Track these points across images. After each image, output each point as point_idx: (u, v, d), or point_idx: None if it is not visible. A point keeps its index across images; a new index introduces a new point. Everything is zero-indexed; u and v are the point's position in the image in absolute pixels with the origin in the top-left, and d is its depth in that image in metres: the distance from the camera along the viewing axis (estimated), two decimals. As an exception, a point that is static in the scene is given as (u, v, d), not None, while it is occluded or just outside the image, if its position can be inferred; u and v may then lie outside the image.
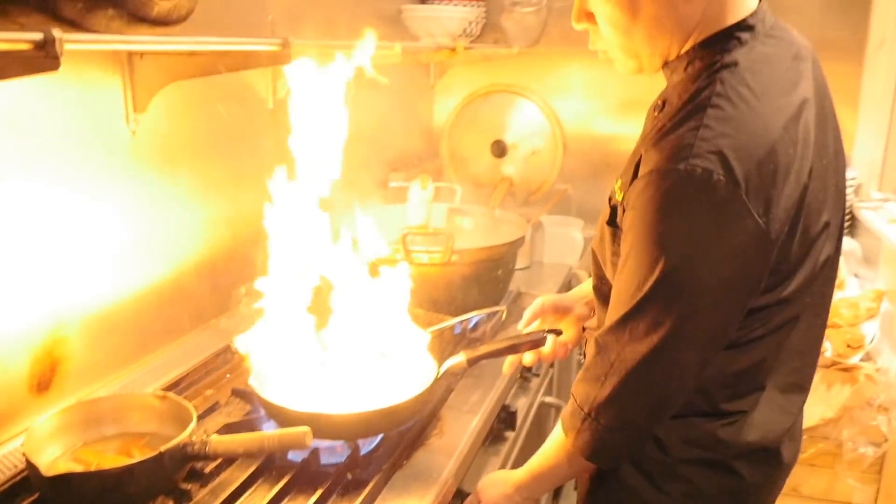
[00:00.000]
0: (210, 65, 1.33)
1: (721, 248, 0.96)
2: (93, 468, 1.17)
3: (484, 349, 1.41)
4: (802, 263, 1.06)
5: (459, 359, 1.39)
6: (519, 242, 1.98)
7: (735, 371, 1.10)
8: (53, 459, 1.20)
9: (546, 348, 1.39)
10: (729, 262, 0.97)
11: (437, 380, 1.39)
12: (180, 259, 1.68)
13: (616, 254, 1.10)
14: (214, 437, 1.14)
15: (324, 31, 2.20)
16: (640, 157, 1.03)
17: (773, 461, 1.18)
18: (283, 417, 1.28)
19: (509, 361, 1.46)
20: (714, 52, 1.04)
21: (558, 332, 1.41)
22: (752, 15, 1.05)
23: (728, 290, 1.00)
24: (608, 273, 1.17)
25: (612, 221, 1.11)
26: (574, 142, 3.04)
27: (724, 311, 1.02)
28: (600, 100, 2.99)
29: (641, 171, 1.00)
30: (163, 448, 1.11)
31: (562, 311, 1.46)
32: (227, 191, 1.81)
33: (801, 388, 1.19)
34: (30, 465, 1.10)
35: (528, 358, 1.42)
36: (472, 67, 3.09)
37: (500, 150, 3.04)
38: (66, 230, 1.37)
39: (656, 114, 1.11)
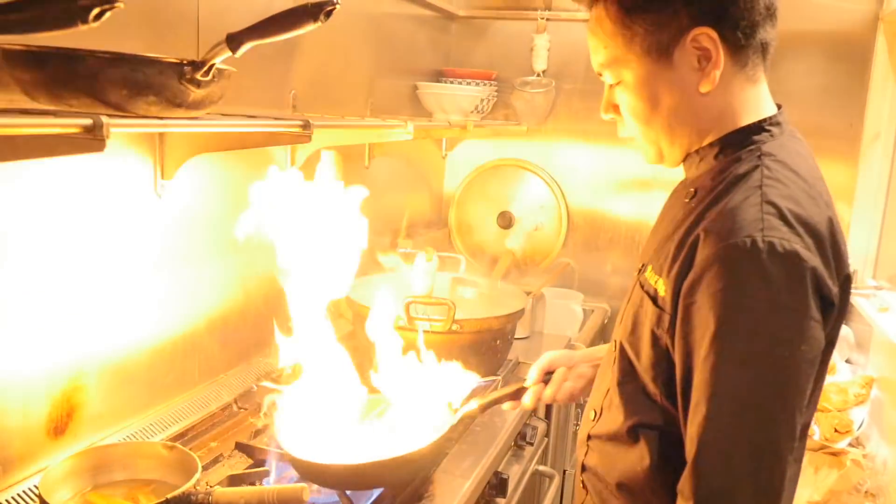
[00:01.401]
0: (235, 141, 1.44)
1: (807, 315, 0.97)
2: None
3: (494, 395, 1.48)
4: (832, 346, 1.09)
5: (472, 406, 1.46)
6: (518, 314, 2.07)
7: None
8: (65, 501, 1.28)
9: (550, 387, 1.44)
10: (814, 329, 0.98)
11: (452, 426, 1.46)
12: (194, 315, 1.77)
13: (658, 334, 1.10)
14: (217, 489, 1.22)
15: (342, 106, 2.34)
16: (691, 241, 1.03)
17: None
18: (296, 466, 1.36)
19: (510, 404, 1.50)
20: (747, 143, 1.10)
21: None
22: (777, 114, 1.14)
23: (812, 358, 1.00)
24: (642, 364, 1.15)
25: (656, 304, 1.10)
26: (577, 217, 3.15)
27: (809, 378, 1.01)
28: (604, 178, 3.11)
29: (701, 256, 1.00)
30: (169, 496, 1.19)
31: (567, 367, 1.48)
32: (241, 253, 1.91)
33: (800, 462, 1.19)
34: None
35: (527, 397, 1.45)
36: (482, 141, 3.22)
37: (506, 221, 3.15)
38: (91, 283, 1.47)
39: (687, 201, 1.15)
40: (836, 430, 2.34)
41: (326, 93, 2.22)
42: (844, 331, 2.74)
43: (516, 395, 1.46)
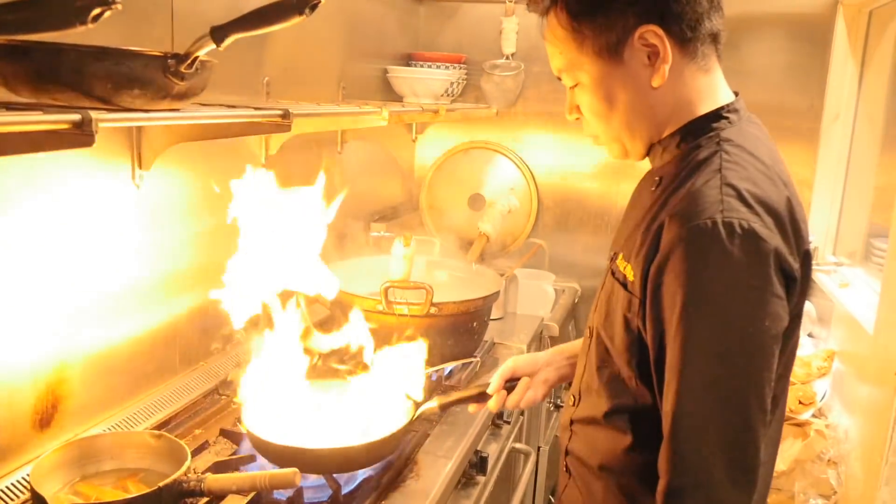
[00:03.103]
0: (214, 131, 1.44)
1: (769, 291, 1.01)
2: (92, 501, 1.26)
3: (455, 395, 1.52)
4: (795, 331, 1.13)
5: (432, 404, 1.50)
6: (494, 297, 2.11)
7: None
8: (54, 492, 1.28)
9: (514, 395, 1.47)
10: (776, 305, 1.02)
11: (411, 421, 1.51)
12: (174, 304, 1.78)
13: (629, 318, 1.13)
14: (209, 476, 1.24)
15: (315, 91, 2.34)
16: (656, 226, 1.07)
17: None
18: (270, 452, 1.39)
19: (475, 406, 1.54)
20: (706, 130, 1.14)
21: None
22: (734, 101, 1.18)
23: (776, 333, 1.03)
24: (616, 348, 1.18)
25: (626, 289, 1.14)
26: (547, 198, 3.20)
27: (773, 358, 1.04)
28: (573, 159, 3.15)
29: (666, 239, 1.04)
30: (161, 484, 1.21)
31: (530, 373, 1.50)
32: (219, 240, 1.91)
33: (779, 432, 1.24)
34: (36, 497, 1.19)
35: (492, 403, 1.48)
36: (452, 124, 3.24)
37: (477, 203, 3.18)
38: (70, 275, 1.46)
39: (653, 189, 1.19)
40: (800, 402, 2.42)
41: (299, 78, 2.22)
42: (807, 306, 2.82)
43: (479, 398, 1.50)
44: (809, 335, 2.80)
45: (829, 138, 2.90)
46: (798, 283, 1.07)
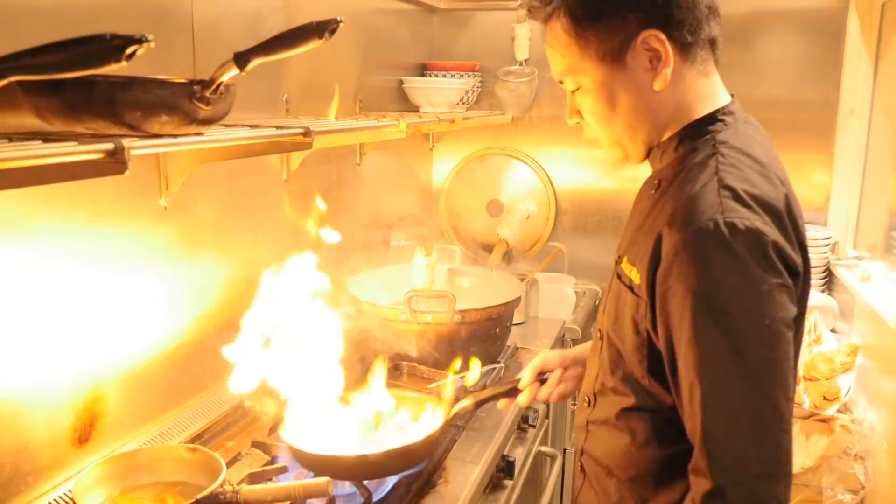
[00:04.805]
0: (238, 151, 1.48)
1: (776, 284, 1.03)
2: None
3: (489, 392, 1.56)
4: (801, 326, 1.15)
5: (467, 402, 1.53)
6: (516, 302, 2.13)
7: None
8: None
9: (546, 388, 1.51)
10: (784, 295, 1.04)
11: (447, 422, 1.53)
12: (203, 318, 1.82)
13: (638, 320, 1.16)
14: (245, 487, 1.27)
15: (331, 105, 2.37)
16: (657, 230, 1.09)
17: None
18: (308, 461, 1.42)
19: (504, 402, 1.58)
20: (703, 133, 1.17)
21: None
22: (730, 104, 1.21)
23: (789, 322, 1.05)
24: (627, 349, 1.20)
25: (633, 292, 1.16)
26: (565, 202, 3.21)
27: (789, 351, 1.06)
28: (589, 162, 3.17)
29: (668, 245, 1.06)
30: (198, 496, 1.24)
31: (560, 368, 1.53)
32: (244, 254, 1.96)
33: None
34: None
35: (523, 397, 1.52)
36: (468, 132, 3.26)
37: (495, 209, 3.21)
38: (104, 294, 1.51)
39: (652, 192, 1.22)
40: (824, 398, 2.42)
41: (316, 93, 2.25)
42: (828, 301, 2.83)
43: (510, 393, 1.53)
44: (832, 330, 2.80)
45: (845, 132, 2.89)
46: (801, 278, 1.09)
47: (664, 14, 1.14)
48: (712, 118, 1.19)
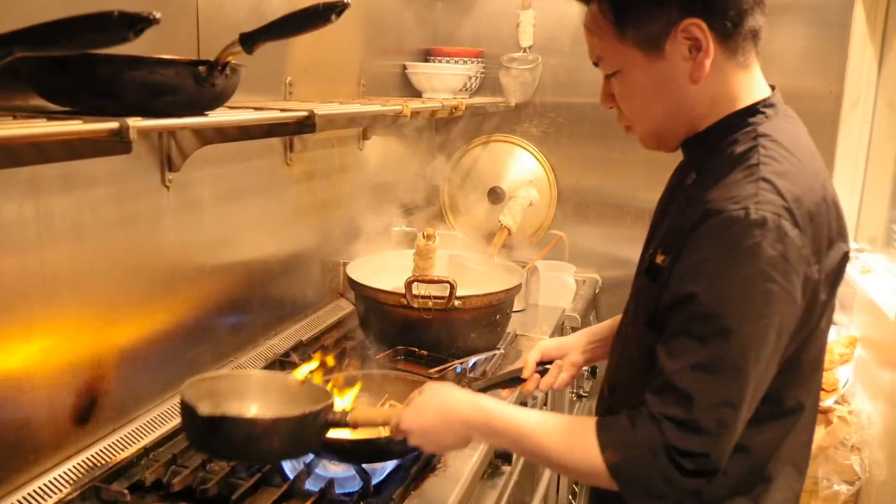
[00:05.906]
0: (241, 132, 1.48)
1: (785, 290, 1.04)
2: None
3: (491, 380, 1.58)
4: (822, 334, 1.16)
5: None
6: (516, 290, 2.13)
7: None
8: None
9: (547, 377, 1.52)
10: (788, 304, 1.05)
11: None
12: (203, 300, 1.82)
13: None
14: (354, 409, 1.30)
15: (335, 88, 2.37)
16: (694, 221, 1.08)
17: None
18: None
19: (507, 391, 1.59)
20: (743, 125, 1.15)
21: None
22: (771, 96, 1.19)
23: (782, 332, 1.06)
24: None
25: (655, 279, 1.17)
26: (566, 189, 3.21)
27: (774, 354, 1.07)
28: (591, 150, 3.16)
29: (700, 225, 1.07)
30: (307, 409, 1.23)
31: (558, 357, 1.54)
32: (246, 237, 1.96)
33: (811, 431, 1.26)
34: (186, 407, 1.24)
35: (529, 385, 1.52)
36: (471, 118, 3.26)
37: (496, 196, 3.21)
38: (105, 274, 1.51)
39: (689, 183, 1.20)
40: (822, 389, 2.43)
41: (320, 77, 2.25)
42: (828, 293, 2.83)
43: (513, 382, 1.54)
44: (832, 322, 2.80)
45: (849, 123, 2.89)
46: (820, 284, 1.08)
47: (706, 3, 1.11)
48: (753, 110, 1.16)
